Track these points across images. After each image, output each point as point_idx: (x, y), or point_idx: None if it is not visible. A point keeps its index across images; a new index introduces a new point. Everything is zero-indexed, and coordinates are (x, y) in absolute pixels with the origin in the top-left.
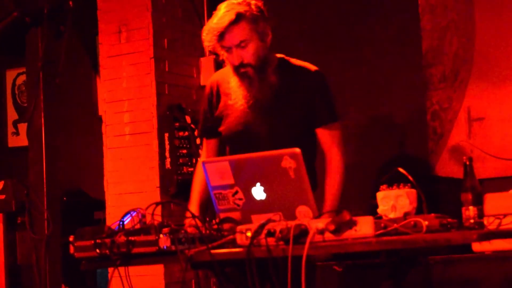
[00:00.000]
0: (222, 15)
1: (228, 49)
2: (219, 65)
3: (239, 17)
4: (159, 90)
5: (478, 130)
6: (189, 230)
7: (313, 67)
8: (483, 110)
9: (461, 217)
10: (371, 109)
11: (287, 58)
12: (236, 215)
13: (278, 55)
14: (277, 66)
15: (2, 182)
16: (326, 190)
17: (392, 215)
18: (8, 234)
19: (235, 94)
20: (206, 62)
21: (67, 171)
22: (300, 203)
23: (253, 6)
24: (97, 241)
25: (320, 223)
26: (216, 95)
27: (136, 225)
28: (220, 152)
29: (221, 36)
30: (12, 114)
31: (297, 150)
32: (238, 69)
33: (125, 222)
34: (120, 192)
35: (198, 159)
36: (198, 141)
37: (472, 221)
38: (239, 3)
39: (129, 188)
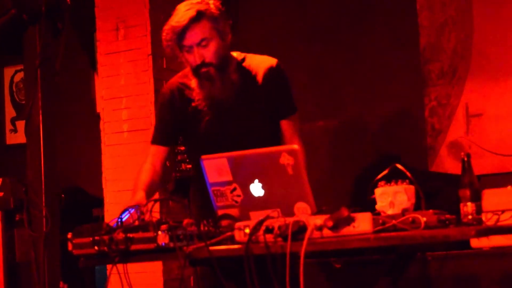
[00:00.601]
0: (182, 13)
1: (189, 49)
2: None
3: (200, 15)
4: (157, 87)
5: (476, 126)
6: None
7: (272, 61)
8: (481, 106)
9: (459, 213)
10: (369, 105)
11: (245, 54)
12: (234, 211)
13: (236, 53)
14: (237, 64)
15: (0, 179)
16: None
17: (390, 212)
18: (7, 232)
19: (198, 96)
20: None
21: (65, 169)
22: (299, 200)
23: (212, 6)
24: (96, 238)
25: (319, 220)
26: (179, 100)
27: (134, 222)
28: (167, 160)
29: (182, 35)
30: (10, 112)
31: (295, 146)
32: (199, 69)
33: (124, 219)
34: (119, 189)
35: (143, 165)
36: None
37: (470, 217)
38: (198, 2)
39: (127, 185)
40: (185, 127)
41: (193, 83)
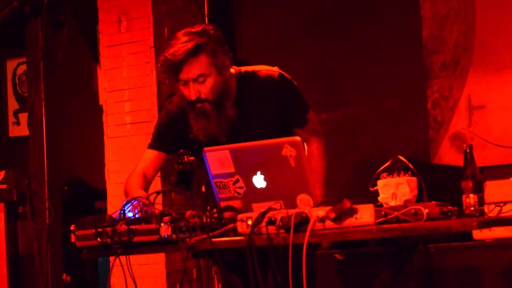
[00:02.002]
0: (180, 46)
1: (185, 83)
2: None
3: (197, 49)
4: (159, 79)
5: (478, 118)
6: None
7: (274, 72)
8: (484, 98)
9: (461, 205)
10: (371, 97)
11: (244, 70)
12: (236, 203)
13: (235, 70)
14: (237, 82)
15: (3, 172)
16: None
17: (392, 203)
18: (10, 224)
19: (195, 127)
20: None
21: (68, 161)
22: (301, 191)
23: (212, 37)
24: (98, 230)
25: (321, 211)
26: (181, 123)
27: (137, 214)
28: (159, 170)
29: (178, 68)
30: (12, 104)
31: (298, 138)
32: (194, 104)
33: (126, 211)
34: (121, 181)
35: (131, 174)
36: None
37: (472, 208)
38: (197, 31)
39: None
40: (186, 143)
41: (190, 114)
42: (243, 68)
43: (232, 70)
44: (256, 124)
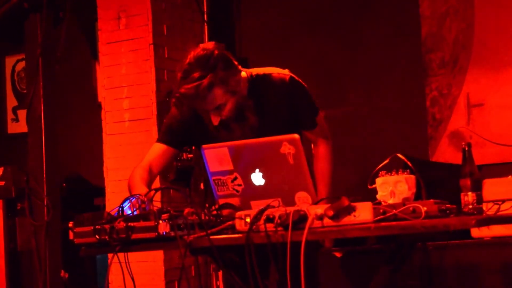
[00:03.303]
0: (192, 84)
1: (204, 111)
2: None
3: (211, 86)
4: (158, 76)
5: (477, 116)
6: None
7: (286, 75)
8: (482, 96)
9: (460, 203)
10: (370, 95)
11: (256, 73)
12: (235, 201)
13: (246, 73)
14: (249, 86)
15: (2, 168)
16: (317, 179)
17: (391, 201)
18: (8, 221)
19: (215, 135)
20: None
21: (66, 158)
22: (299, 189)
23: (220, 63)
24: (97, 227)
25: (319, 209)
26: (197, 121)
27: (135, 211)
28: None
29: (194, 105)
30: (11, 101)
31: (296, 136)
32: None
33: (125, 208)
34: (120, 178)
35: (136, 166)
36: None
37: (471, 206)
38: (206, 60)
39: (128, 174)
40: (199, 142)
41: (210, 125)
42: (254, 71)
43: (244, 74)
44: (273, 126)
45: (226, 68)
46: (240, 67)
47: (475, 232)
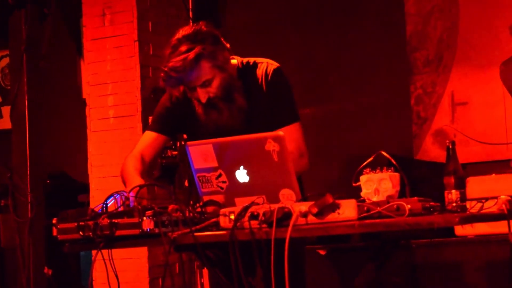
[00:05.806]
0: (179, 58)
1: (191, 88)
2: None
3: (198, 58)
4: (143, 73)
5: (461, 114)
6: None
7: (275, 64)
8: (467, 95)
9: (443, 201)
10: (355, 93)
11: (246, 61)
12: (219, 198)
13: (237, 60)
14: (238, 72)
15: None
16: None
17: (375, 199)
18: None
19: (204, 119)
20: None
21: (50, 154)
22: (284, 186)
23: (209, 38)
24: (81, 223)
25: (303, 206)
26: (188, 107)
27: (119, 208)
28: (159, 154)
29: (181, 80)
30: None
31: (281, 133)
32: (206, 102)
33: (109, 205)
34: (104, 175)
35: (128, 156)
36: None
37: (454, 204)
38: (192, 36)
39: (113, 171)
40: (190, 128)
41: (199, 108)
42: (245, 59)
43: (234, 61)
44: (260, 109)
45: (215, 43)
46: (230, 50)
47: (459, 230)
